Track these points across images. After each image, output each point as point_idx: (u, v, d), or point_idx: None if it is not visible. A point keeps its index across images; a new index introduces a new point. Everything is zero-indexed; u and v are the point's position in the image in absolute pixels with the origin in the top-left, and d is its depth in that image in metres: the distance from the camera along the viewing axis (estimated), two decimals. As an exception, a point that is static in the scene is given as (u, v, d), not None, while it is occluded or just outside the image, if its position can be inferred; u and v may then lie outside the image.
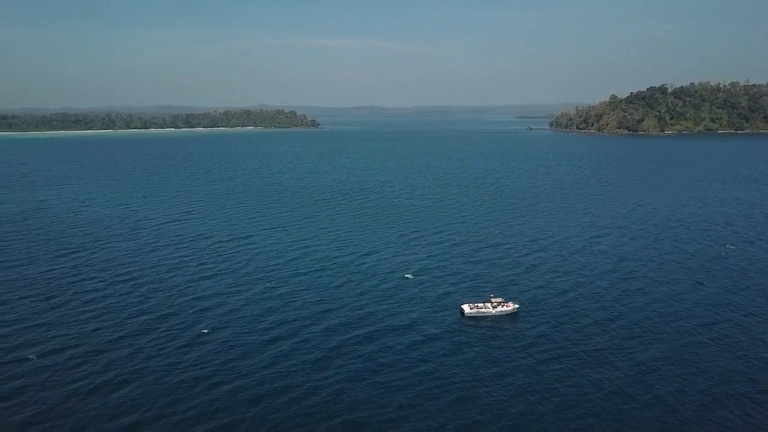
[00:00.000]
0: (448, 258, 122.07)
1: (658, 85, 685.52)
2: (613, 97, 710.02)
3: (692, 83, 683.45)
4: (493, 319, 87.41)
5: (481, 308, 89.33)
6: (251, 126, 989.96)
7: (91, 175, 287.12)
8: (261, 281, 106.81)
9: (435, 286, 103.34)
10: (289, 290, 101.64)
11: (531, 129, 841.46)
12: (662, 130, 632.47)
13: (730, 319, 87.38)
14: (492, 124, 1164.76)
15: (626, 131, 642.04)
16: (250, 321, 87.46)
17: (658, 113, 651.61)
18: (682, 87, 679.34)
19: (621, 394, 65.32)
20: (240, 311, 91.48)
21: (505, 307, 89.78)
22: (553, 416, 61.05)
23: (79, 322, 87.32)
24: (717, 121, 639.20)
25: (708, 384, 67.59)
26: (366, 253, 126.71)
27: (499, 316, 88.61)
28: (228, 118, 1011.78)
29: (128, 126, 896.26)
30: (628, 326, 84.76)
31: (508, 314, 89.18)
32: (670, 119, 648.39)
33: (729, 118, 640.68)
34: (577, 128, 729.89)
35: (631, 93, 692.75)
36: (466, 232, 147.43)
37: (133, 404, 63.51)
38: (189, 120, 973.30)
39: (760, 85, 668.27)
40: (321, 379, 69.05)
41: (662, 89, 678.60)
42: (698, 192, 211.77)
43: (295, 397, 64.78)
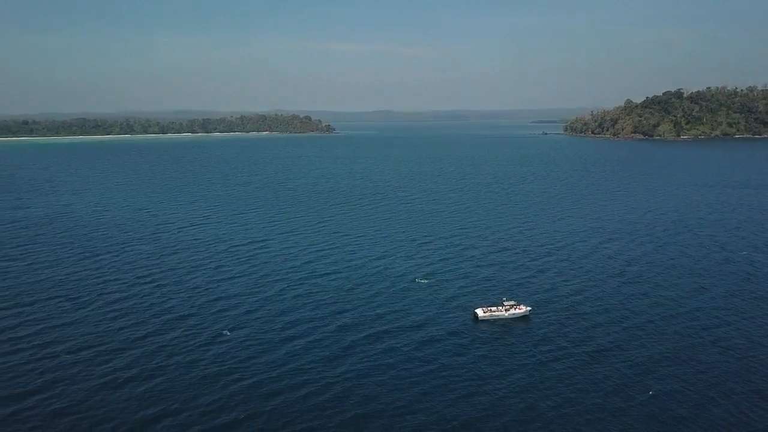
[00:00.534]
0: (459, 261, 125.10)
1: (674, 89, 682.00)
2: (629, 101, 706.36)
3: (709, 87, 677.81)
4: (505, 323, 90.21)
5: (495, 312, 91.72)
6: (266, 131, 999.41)
7: (111, 180, 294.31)
8: (277, 283, 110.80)
9: (446, 289, 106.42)
10: (304, 292, 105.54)
11: (546, 134, 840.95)
12: (678, 135, 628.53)
13: (731, 323, 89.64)
14: (507, 129, 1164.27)
15: (642, 136, 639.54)
16: (267, 321, 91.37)
17: (674, 118, 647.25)
18: (699, 91, 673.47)
19: (620, 394, 68.16)
20: (257, 311, 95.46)
21: (517, 309, 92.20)
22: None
23: (105, 321, 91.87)
24: (734, 125, 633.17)
25: (706, 385, 70.20)
26: (379, 256, 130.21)
27: (511, 318, 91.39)
28: (244, 123, 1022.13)
29: (146, 131, 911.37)
30: (633, 327, 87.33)
31: (521, 317, 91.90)
32: (686, 124, 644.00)
33: (746, 122, 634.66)
34: (593, 133, 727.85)
35: (647, 98, 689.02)
36: (478, 236, 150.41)
37: (158, 397, 67.62)
38: (205, 125, 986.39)
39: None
40: (335, 375, 72.68)
41: (678, 94, 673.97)
42: (709, 197, 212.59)
43: (310, 392, 68.49)
